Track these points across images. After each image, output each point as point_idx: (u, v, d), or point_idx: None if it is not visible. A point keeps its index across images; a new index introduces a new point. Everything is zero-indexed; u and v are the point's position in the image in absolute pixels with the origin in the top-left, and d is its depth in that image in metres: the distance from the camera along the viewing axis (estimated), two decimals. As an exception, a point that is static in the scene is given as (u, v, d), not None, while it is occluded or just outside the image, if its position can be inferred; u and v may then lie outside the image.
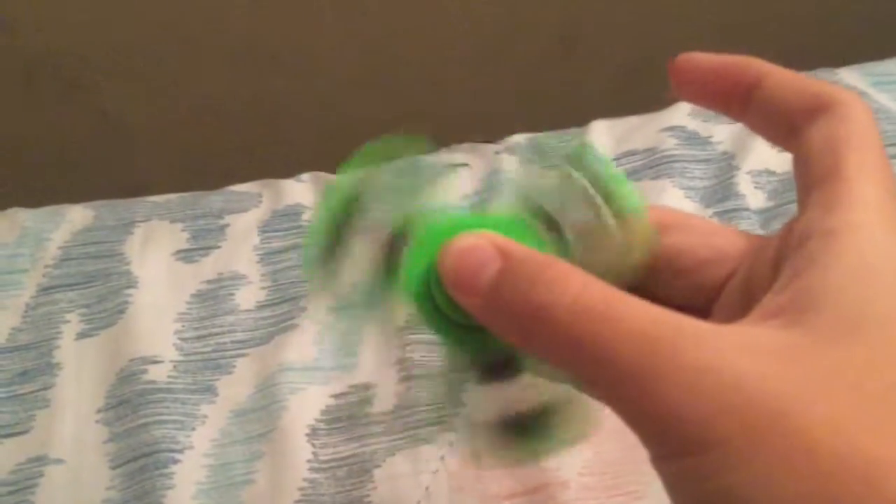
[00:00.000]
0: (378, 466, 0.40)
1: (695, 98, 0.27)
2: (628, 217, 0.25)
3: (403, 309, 0.25)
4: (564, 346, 0.20)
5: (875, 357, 0.19)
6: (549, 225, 0.25)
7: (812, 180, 0.22)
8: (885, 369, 0.19)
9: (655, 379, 0.19)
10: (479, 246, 0.23)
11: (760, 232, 0.47)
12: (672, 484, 0.20)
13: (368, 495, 0.39)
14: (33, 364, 0.45)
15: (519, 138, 0.57)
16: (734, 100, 0.26)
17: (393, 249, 0.25)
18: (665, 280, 0.25)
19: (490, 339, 0.23)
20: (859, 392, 0.19)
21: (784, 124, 0.24)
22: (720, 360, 0.19)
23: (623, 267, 0.25)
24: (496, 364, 0.25)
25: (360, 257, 0.25)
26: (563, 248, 0.25)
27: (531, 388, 0.25)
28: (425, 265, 0.24)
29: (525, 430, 0.25)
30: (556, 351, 0.21)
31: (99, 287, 0.48)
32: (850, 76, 0.57)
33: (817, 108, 0.23)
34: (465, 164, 0.54)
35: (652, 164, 0.52)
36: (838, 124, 0.23)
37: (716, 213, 0.49)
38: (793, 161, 0.24)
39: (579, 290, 0.21)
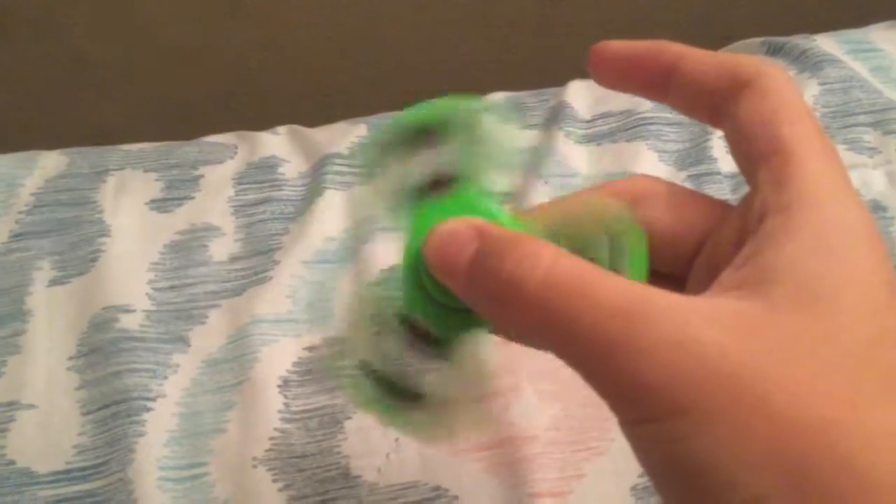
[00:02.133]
0: (349, 418, 0.41)
1: (614, 84, 0.28)
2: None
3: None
4: (536, 320, 0.21)
5: (829, 326, 0.20)
6: None
7: (755, 156, 0.23)
8: (839, 337, 0.20)
9: (626, 351, 0.20)
10: (458, 230, 0.24)
11: (730, 196, 0.47)
12: (640, 447, 0.21)
13: (339, 446, 0.40)
14: (5, 310, 0.45)
15: (498, 96, 0.57)
16: (653, 84, 0.26)
17: (437, 186, 0.26)
18: None
19: (475, 320, 0.24)
20: (815, 360, 0.20)
21: (707, 103, 0.25)
22: (687, 333, 0.20)
23: None
24: (430, 339, 0.26)
25: (408, 173, 0.26)
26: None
27: (442, 378, 0.26)
28: (414, 253, 0.25)
29: (411, 404, 0.26)
30: (530, 324, 0.22)
31: (71, 235, 0.48)
32: (827, 43, 0.57)
33: (738, 85, 0.24)
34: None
35: (627, 126, 0.52)
36: (764, 98, 0.24)
37: (689, 177, 0.49)
38: (726, 138, 0.25)
39: (550, 265, 0.21)
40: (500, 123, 0.26)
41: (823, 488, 0.18)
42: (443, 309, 0.25)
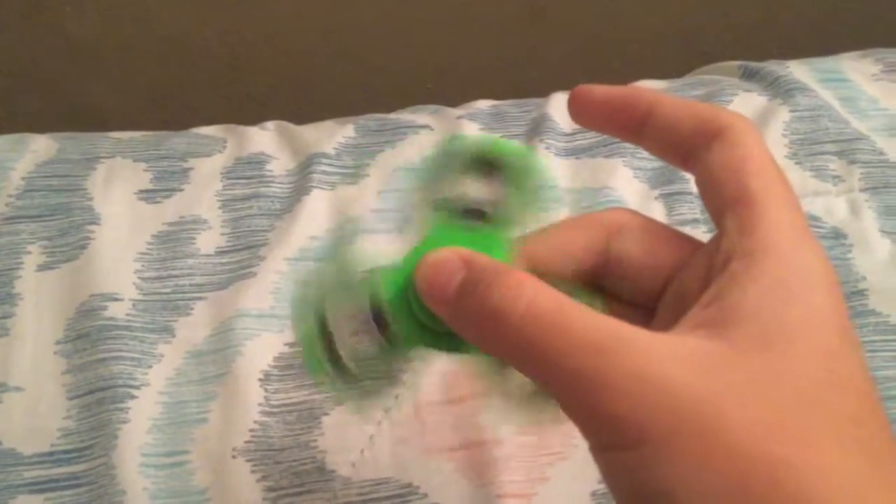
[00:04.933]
0: (326, 414, 0.42)
1: (591, 126, 0.30)
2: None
3: (409, 364, 0.28)
4: (518, 350, 0.23)
5: (785, 368, 0.22)
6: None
7: (723, 204, 0.25)
8: (794, 379, 0.22)
9: (597, 383, 0.21)
10: (448, 258, 0.25)
11: (700, 216, 0.49)
12: (607, 472, 0.23)
13: (316, 440, 0.42)
14: (-7, 293, 0.46)
15: (481, 104, 0.58)
16: (628, 129, 0.28)
17: (378, 320, 0.27)
18: (613, 282, 0.28)
19: (462, 345, 0.26)
20: (770, 399, 0.21)
21: (679, 149, 0.27)
22: (653, 368, 0.21)
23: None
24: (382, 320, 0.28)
25: (350, 341, 0.28)
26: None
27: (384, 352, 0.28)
28: (403, 281, 0.27)
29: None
30: (511, 353, 0.23)
31: (61, 221, 0.49)
32: (799, 70, 0.59)
33: (709, 134, 0.26)
34: (428, 127, 0.55)
35: (606, 143, 0.54)
36: (733, 149, 0.26)
37: (661, 195, 0.51)
38: (696, 182, 0.27)
39: (532, 297, 0.23)
40: (546, 175, 0.28)
41: None
42: (430, 332, 0.27)
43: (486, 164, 0.28)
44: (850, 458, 0.21)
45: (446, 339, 0.27)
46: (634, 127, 0.28)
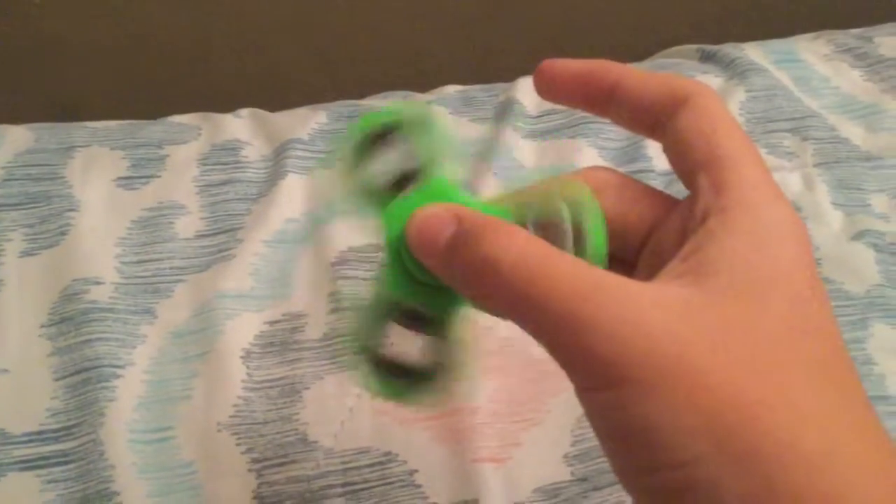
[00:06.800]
0: (307, 388, 0.44)
1: (559, 100, 0.30)
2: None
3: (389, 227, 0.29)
4: (508, 297, 0.24)
5: (759, 314, 0.23)
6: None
7: (695, 165, 0.26)
8: (768, 324, 0.23)
9: (583, 327, 0.23)
10: (438, 213, 0.27)
11: (663, 193, 0.51)
12: (591, 411, 0.24)
13: (298, 413, 0.43)
14: (-24, 279, 0.47)
15: (450, 90, 0.60)
16: (595, 101, 0.29)
17: (403, 181, 0.29)
18: None
19: (452, 297, 0.27)
20: (745, 343, 0.23)
21: (646, 119, 0.28)
22: (635, 313, 0.23)
23: None
24: (419, 315, 0.29)
25: (381, 172, 0.29)
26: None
27: (433, 346, 0.29)
28: (396, 234, 0.28)
29: (409, 377, 0.29)
30: (502, 301, 0.24)
31: (42, 208, 0.50)
32: (755, 52, 0.62)
33: (676, 102, 0.27)
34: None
35: (571, 124, 0.56)
36: (701, 114, 0.27)
37: (625, 173, 0.53)
38: (664, 148, 0.28)
39: (522, 247, 0.24)
40: (449, 120, 0.29)
41: (746, 456, 0.21)
42: (425, 288, 0.28)
43: (389, 133, 0.29)
44: (820, 396, 0.23)
45: (428, 291, 0.28)
46: (601, 99, 0.29)
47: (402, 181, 0.29)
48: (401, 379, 0.29)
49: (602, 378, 0.23)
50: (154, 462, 0.42)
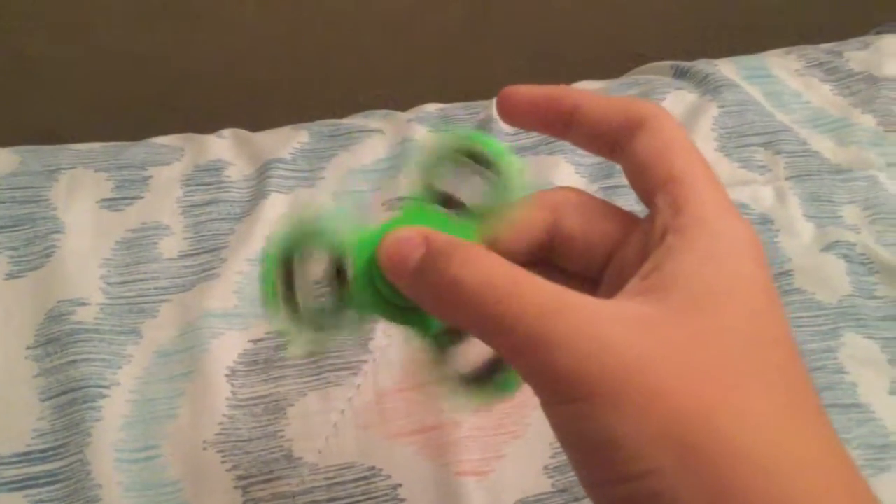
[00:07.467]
0: (291, 405, 0.44)
1: (520, 125, 0.31)
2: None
3: (362, 318, 0.30)
4: (475, 317, 0.25)
5: (716, 326, 0.24)
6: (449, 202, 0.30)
7: (653, 185, 0.28)
8: (724, 335, 0.24)
9: (547, 344, 0.24)
10: (408, 236, 0.27)
11: (636, 206, 0.52)
12: (558, 424, 0.25)
13: (282, 430, 0.44)
14: (-38, 302, 0.47)
15: (430, 108, 0.61)
16: (555, 125, 0.30)
17: (338, 272, 0.29)
18: (563, 255, 0.30)
19: (426, 317, 0.28)
20: (702, 355, 0.24)
21: (605, 141, 0.29)
22: (597, 329, 0.24)
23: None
24: (447, 332, 0.29)
25: (310, 287, 0.30)
26: (467, 223, 0.29)
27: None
28: (367, 259, 0.29)
29: (483, 378, 0.29)
30: (469, 320, 0.25)
31: (26, 231, 0.50)
32: (727, 68, 0.63)
33: (633, 124, 0.28)
34: (380, 131, 0.58)
35: (548, 141, 0.57)
36: (657, 135, 0.28)
37: (601, 188, 0.54)
38: (623, 170, 0.29)
39: (488, 268, 0.25)
40: (524, 177, 0.30)
41: (704, 462, 0.22)
42: (394, 308, 0.29)
43: (472, 158, 0.30)
44: (774, 400, 0.24)
45: (401, 312, 0.29)
46: (561, 123, 0.30)
47: (455, 204, 0.30)
48: (479, 382, 0.29)
49: (566, 392, 0.24)
50: (140, 481, 0.42)
